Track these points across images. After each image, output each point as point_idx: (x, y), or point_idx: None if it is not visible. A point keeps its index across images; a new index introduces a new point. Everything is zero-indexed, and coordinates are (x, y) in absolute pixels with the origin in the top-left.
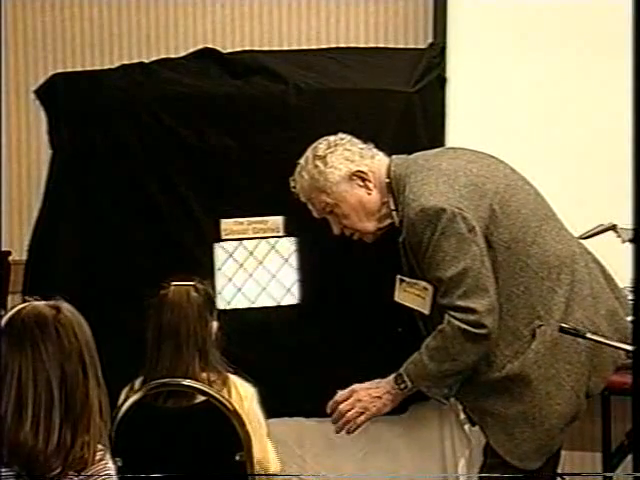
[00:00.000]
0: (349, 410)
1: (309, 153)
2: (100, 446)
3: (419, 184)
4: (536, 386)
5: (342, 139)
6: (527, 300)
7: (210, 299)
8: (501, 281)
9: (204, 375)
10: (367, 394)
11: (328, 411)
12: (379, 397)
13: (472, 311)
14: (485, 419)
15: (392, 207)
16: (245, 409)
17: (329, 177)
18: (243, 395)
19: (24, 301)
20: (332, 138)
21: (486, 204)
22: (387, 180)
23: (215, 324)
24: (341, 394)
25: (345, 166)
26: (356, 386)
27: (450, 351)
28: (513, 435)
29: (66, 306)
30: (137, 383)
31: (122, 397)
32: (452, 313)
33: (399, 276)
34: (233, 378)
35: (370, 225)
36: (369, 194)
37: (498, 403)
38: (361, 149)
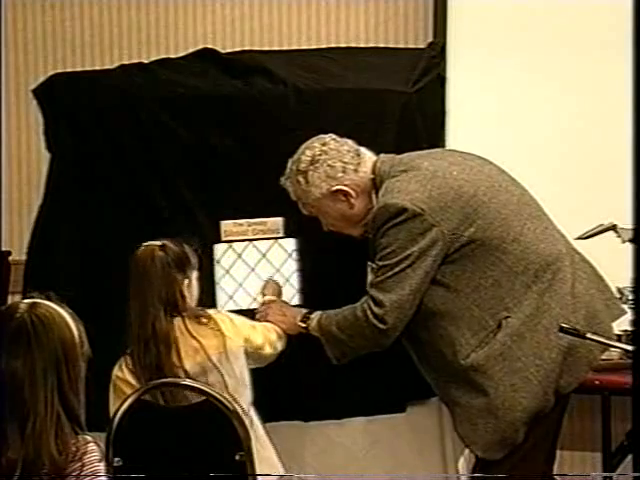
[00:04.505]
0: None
1: (292, 165)
2: (81, 438)
3: (393, 181)
4: (500, 378)
5: (326, 152)
6: (495, 292)
7: (180, 257)
8: (469, 273)
9: (179, 323)
10: (279, 307)
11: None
12: (284, 315)
13: (379, 304)
14: (454, 409)
15: (374, 203)
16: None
17: (309, 195)
18: (237, 323)
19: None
20: (317, 149)
21: (458, 206)
22: (372, 176)
23: (186, 282)
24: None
25: (327, 184)
26: (278, 300)
27: (351, 330)
28: (477, 425)
29: (44, 303)
30: (128, 350)
31: (114, 369)
32: (367, 298)
33: (370, 263)
34: (218, 314)
35: (355, 231)
36: (351, 208)
37: (465, 394)
38: (345, 163)
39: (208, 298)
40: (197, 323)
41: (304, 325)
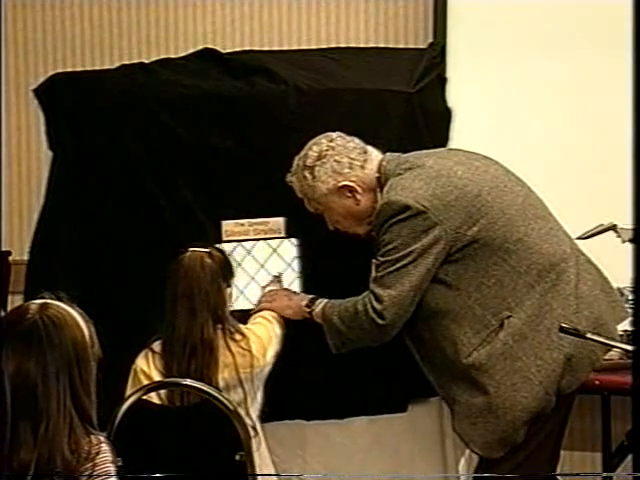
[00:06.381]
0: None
1: (299, 161)
2: (95, 437)
3: (398, 179)
4: (501, 377)
5: (333, 148)
6: (497, 291)
7: (225, 267)
8: (471, 272)
9: (219, 335)
10: (285, 293)
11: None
12: (290, 300)
13: (379, 299)
14: (454, 407)
15: (379, 201)
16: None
17: (316, 190)
18: (265, 340)
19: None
20: (324, 145)
21: (461, 205)
22: (377, 175)
23: (229, 291)
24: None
25: (333, 179)
26: (281, 290)
27: (351, 322)
28: (477, 424)
29: (55, 304)
30: (155, 345)
31: (138, 361)
32: (368, 293)
33: (374, 260)
34: (248, 331)
35: (360, 229)
36: (357, 204)
37: (466, 392)
38: (352, 159)
39: None
40: (231, 339)
41: (309, 310)
